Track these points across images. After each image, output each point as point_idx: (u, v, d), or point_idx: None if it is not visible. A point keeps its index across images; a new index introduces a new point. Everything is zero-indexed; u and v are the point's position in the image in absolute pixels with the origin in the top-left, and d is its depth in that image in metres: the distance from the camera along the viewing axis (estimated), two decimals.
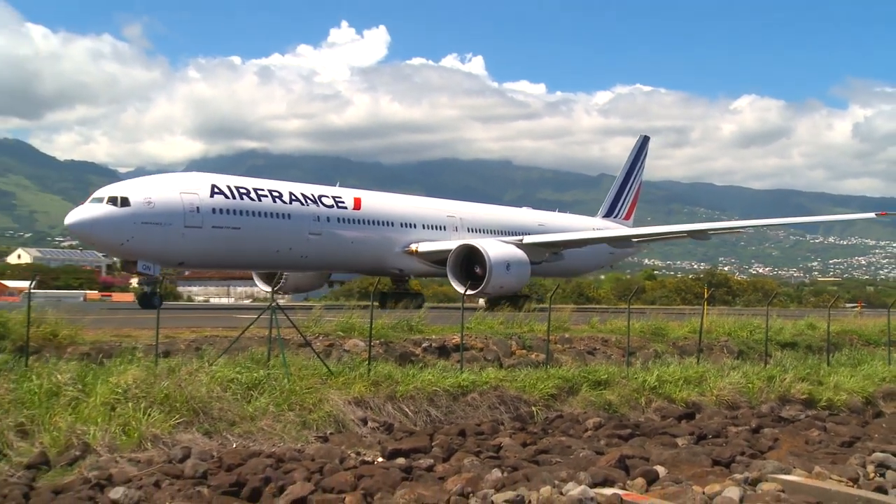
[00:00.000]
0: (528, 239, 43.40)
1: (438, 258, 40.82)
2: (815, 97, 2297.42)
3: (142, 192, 31.11)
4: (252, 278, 45.55)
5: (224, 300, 68.34)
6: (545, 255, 44.23)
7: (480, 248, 38.28)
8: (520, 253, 40.19)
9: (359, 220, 39.23)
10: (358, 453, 14.92)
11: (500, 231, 46.29)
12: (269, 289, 42.41)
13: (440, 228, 43.46)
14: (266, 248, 35.31)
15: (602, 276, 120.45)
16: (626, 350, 23.48)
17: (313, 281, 45.46)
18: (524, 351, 22.73)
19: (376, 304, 26.58)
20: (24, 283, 36.01)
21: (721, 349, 26.18)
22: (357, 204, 39.46)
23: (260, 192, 35.11)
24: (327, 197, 38.39)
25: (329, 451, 14.55)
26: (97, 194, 31.25)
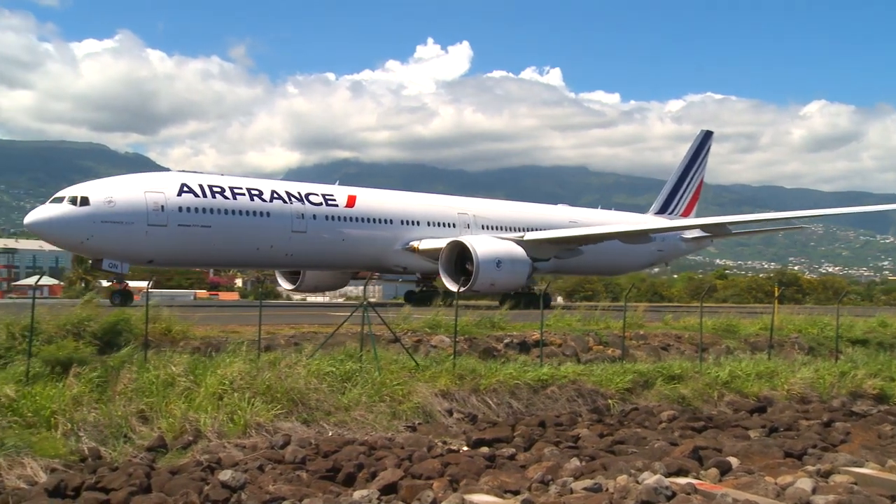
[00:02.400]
0: (529, 235, 40.20)
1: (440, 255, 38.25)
2: (885, 101, 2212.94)
3: (103, 191, 30.18)
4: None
5: (319, 299, 69.11)
6: (552, 252, 40.82)
7: (468, 245, 35.57)
8: (516, 250, 37.18)
9: (351, 218, 36.71)
10: (444, 442, 14.96)
11: (519, 228, 42.23)
12: (290, 286, 42.20)
13: (449, 226, 40.35)
14: (243, 245, 33.68)
15: (675, 276, 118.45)
16: (699, 346, 23.00)
17: (334, 279, 43.65)
18: (601, 347, 22.48)
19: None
20: (143, 284, 37.10)
21: (792, 345, 25.42)
22: (350, 202, 37.10)
23: (236, 191, 33.47)
24: (315, 195, 36.17)
25: (417, 440, 14.64)
26: (59, 194, 30.30)
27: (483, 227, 41.24)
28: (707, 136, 59.93)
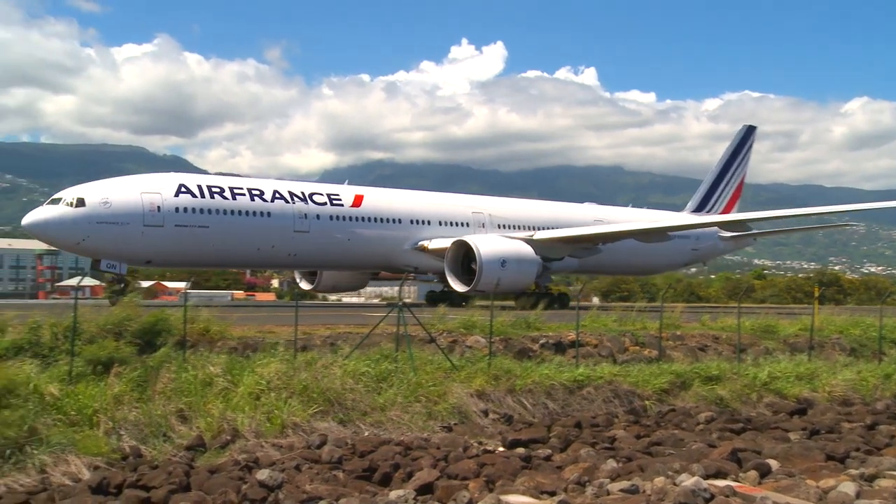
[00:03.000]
0: (539, 234, 39.30)
1: None
2: None
3: (100, 193, 30.29)
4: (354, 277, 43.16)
5: (354, 299, 69.44)
6: (565, 252, 39.88)
7: (472, 244, 34.80)
8: (523, 249, 36.19)
9: (357, 218, 36.12)
10: (480, 443, 14.97)
11: (538, 227, 41.01)
12: (309, 286, 41.87)
13: (462, 225, 39.41)
14: (243, 245, 33.43)
15: (712, 276, 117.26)
16: (737, 347, 22.77)
17: (352, 279, 43.13)
18: (637, 347, 22.32)
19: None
20: (181, 284, 37.46)
21: (833, 346, 25.03)
22: (357, 201, 36.52)
23: (236, 191, 33.26)
24: (320, 194, 35.71)
25: (453, 441, 14.65)
26: (57, 195, 30.59)
27: (499, 227, 40.45)
28: (749, 132, 57.63)
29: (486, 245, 34.97)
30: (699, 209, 55.55)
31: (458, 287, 35.03)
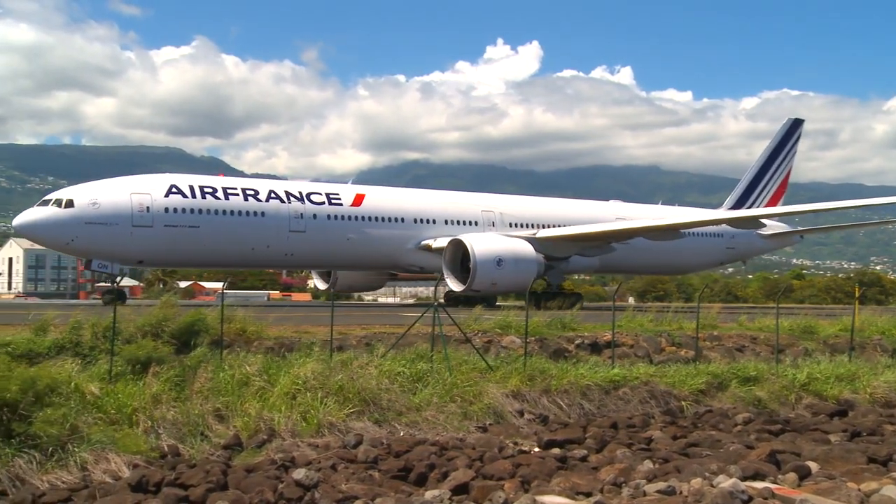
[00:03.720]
0: (543, 232, 38.39)
1: None
2: None
3: (89, 194, 30.52)
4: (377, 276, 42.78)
5: (390, 300, 69.64)
6: (573, 250, 38.82)
7: (466, 243, 34.10)
8: (522, 248, 35.26)
9: (357, 217, 35.63)
10: (515, 443, 14.91)
11: (552, 225, 39.88)
12: (324, 286, 41.67)
13: (470, 224, 38.53)
14: (236, 245, 33.23)
15: (750, 276, 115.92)
16: (776, 347, 22.47)
17: (368, 279, 42.78)
18: (673, 348, 22.13)
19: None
20: (218, 285, 37.81)
21: (874, 347, 24.59)
22: (358, 201, 36.05)
23: (230, 191, 33.15)
24: (318, 194, 35.39)
25: (489, 441, 14.62)
26: (47, 196, 30.95)
27: (511, 225, 39.50)
28: (795, 125, 55.06)
29: (482, 244, 34.32)
30: (738, 205, 53.26)
31: (455, 286, 34.65)
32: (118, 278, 32.37)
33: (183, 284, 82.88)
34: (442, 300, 36.10)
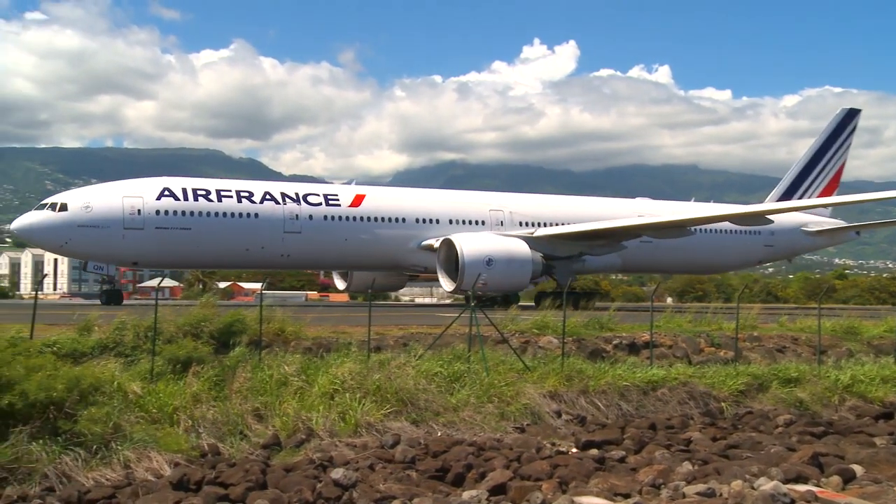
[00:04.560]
0: (540, 231, 37.56)
1: None
2: None
3: (82, 198, 31.48)
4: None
5: (427, 300, 69.77)
6: (576, 249, 37.64)
7: (456, 243, 33.81)
8: (515, 247, 34.70)
9: (354, 218, 35.55)
10: (553, 444, 14.85)
11: (565, 224, 38.81)
12: (344, 285, 41.81)
13: (476, 223, 37.93)
14: (229, 246, 33.63)
15: (791, 276, 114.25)
16: (818, 348, 22.11)
17: (388, 280, 42.17)
18: (713, 348, 21.87)
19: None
20: (257, 285, 38.15)
21: None
22: (357, 201, 35.95)
23: (223, 193, 33.51)
24: (315, 195, 35.49)
25: (526, 441, 14.57)
26: (44, 201, 31.95)
27: (521, 224, 38.82)
28: (850, 115, 51.30)
29: (470, 244, 34.01)
30: (785, 199, 49.81)
31: (447, 286, 34.60)
32: (113, 278, 33.78)
33: (222, 285, 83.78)
34: (448, 301, 35.48)
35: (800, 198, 49.95)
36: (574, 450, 14.69)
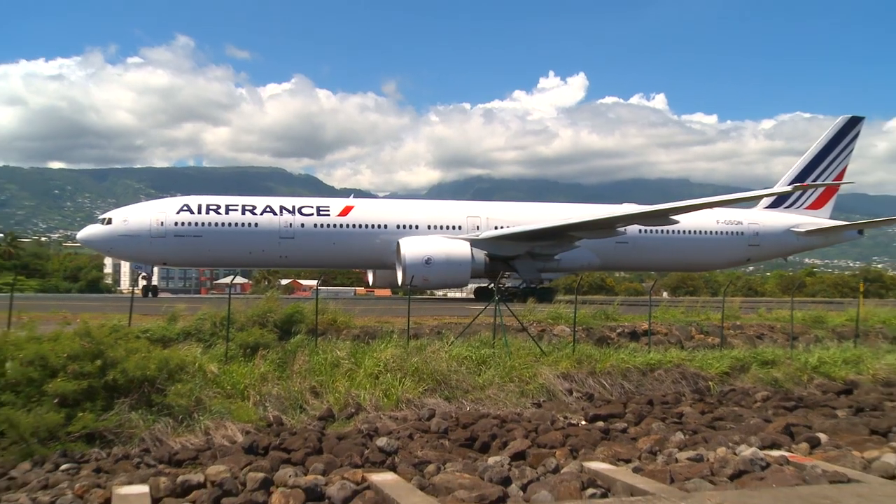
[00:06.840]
0: (485, 233, 35.98)
1: None
2: None
3: (122, 214, 34.20)
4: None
5: (459, 294, 69.61)
6: (523, 249, 35.67)
7: (400, 244, 33.67)
8: (454, 248, 33.76)
9: (342, 225, 35.74)
10: (565, 417, 14.73)
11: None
12: (372, 281, 41.19)
13: (452, 228, 36.63)
14: (235, 249, 34.85)
15: (768, 274, 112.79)
16: (790, 335, 21.78)
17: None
18: (702, 335, 21.62)
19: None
20: (313, 282, 38.42)
21: (876, 335, 23.66)
22: (345, 212, 36.13)
23: (231, 207, 34.95)
24: (309, 207, 35.99)
25: (542, 415, 14.47)
26: (100, 216, 34.75)
27: (496, 228, 37.03)
28: (853, 123, 44.87)
29: (412, 246, 33.57)
30: (777, 204, 44.60)
31: (400, 280, 34.09)
32: (148, 275, 36.55)
33: (284, 282, 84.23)
34: (459, 294, 34.73)
35: (794, 202, 44.95)
36: (583, 422, 14.55)
